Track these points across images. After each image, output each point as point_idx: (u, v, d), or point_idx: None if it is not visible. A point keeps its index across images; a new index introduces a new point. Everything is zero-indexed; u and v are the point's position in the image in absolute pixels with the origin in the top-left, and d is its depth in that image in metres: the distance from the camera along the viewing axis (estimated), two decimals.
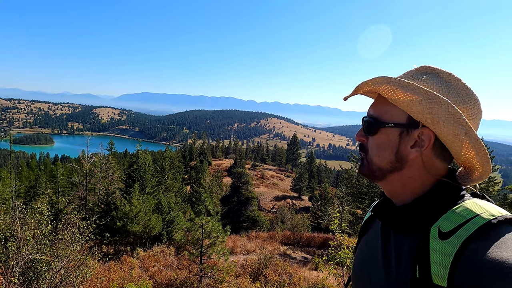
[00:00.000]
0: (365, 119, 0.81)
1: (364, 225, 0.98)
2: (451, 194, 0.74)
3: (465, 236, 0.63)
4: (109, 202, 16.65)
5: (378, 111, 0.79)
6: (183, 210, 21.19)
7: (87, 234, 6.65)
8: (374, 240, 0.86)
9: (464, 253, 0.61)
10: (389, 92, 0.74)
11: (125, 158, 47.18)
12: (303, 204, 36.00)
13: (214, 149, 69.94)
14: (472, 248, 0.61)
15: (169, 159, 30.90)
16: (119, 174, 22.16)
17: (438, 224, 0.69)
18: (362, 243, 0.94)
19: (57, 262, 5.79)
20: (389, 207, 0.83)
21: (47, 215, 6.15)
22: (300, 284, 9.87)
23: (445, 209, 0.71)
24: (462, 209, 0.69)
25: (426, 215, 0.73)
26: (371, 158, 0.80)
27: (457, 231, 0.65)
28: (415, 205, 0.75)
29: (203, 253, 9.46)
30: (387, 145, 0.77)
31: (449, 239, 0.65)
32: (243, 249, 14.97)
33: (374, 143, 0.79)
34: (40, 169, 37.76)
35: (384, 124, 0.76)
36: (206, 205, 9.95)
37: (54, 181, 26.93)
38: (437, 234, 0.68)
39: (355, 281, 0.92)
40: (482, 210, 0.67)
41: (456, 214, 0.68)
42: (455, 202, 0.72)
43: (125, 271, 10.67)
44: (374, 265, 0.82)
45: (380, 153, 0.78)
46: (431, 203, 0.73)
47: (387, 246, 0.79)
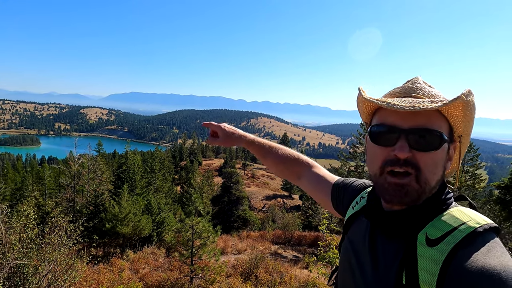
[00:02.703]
0: (420, 131, 0.69)
1: (348, 221, 0.96)
2: (440, 201, 0.74)
3: (453, 244, 0.63)
4: (98, 204, 16.43)
5: (436, 124, 0.71)
6: (174, 211, 21.06)
7: (75, 237, 6.54)
8: (360, 240, 0.85)
9: (452, 260, 0.62)
10: (468, 108, 0.70)
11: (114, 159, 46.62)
12: (294, 203, 36.14)
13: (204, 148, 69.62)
14: (460, 255, 0.62)
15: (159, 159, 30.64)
16: (108, 175, 21.89)
17: (426, 231, 0.69)
18: (346, 241, 0.92)
19: (44, 266, 5.68)
20: (378, 210, 0.81)
21: (33, 218, 6.02)
22: (291, 283, 9.90)
23: (431, 216, 0.71)
24: (449, 216, 0.70)
25: (413, 222, 0.72)
26: (426, 177, 0.70)
27: (445, 238, 0.65)
28: (409, 211, 0.73)
29: (194, 254, 9.42)
30: (440, 161, 0.72)
31: (437, 246, 0.65)
32: (234, 249, 14.95)
33: (432, 160, 0.70)
34: (26, 170, 37.03)
35: (446, 140, 0.71)
36: (197, 205, 9.90)
37: (41, 183, 26.42)
38: (424, 240, 0.68)
39: (341, 279, 0.91)
40: (468, 218, 0.68)
41: (443, 222, 0.69)
42: (441, 209, 0.73)
43: (115, 273, 10.54)
44: (360, 266, 0.81)
45: (437, 171, 0.71)
46: (417, 209, 0.73)
47: (374, 248, 0.78)
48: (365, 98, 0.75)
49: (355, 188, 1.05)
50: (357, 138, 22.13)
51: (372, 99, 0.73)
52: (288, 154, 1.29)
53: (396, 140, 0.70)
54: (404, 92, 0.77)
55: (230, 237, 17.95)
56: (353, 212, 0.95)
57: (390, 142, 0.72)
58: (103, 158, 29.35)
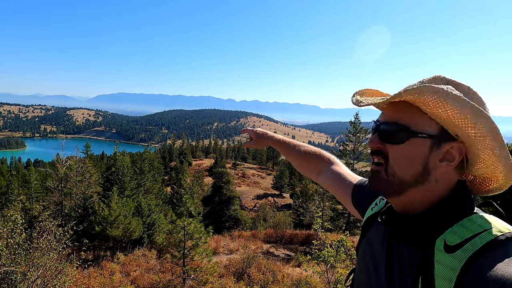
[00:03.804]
0: (387, 125, 0.74)
1: (366, 222, 0.95)
2: (458, 207, 0.71)
3: (472, 251, 0.61)
4: (87, 207, 16.19)
5: (407, 119, 0.72)
6: (164, 212, 20.89)
7: (64, 240, 6.43)
8: (377, 242, 0.84)
9: (470, 268, 0.60)
10: (435, 103, 0.67)
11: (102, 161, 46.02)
12: (285, 202, 36.26)
13: (194, 149, 69.30)
14: (479, 263, 0.60)
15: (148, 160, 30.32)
16: (96, 178, 21.58)
17: (444, 237, 0.67)
18: (364, 242, 0.91)
19: (33, 272, 5.56)
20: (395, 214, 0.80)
21: (20, 223, 5.90)
22: (284, 281, 9.93)
23: (451, 222, 0.69)
24: (469, 223, 0.67)
25: (431, 227, 0.71)
26: (393, 170, 0.73)
27: (464, 245, 0.63)
28: (426, 216, 0.73)
29: (186, 255, 9.36)
30: (416, 156, 0.71)
31: (456, 253, 0.63)
32: (226, 249, 14.92)
33: (399, 154, 0.73)
34: (11, 174, 36.20)
35: (416, 134, 0.70)
36: (188, 206, 9.85)
37: (27, 187, 25.89)
38: (442, 247, 0.66)
39: (357, 280, 0.91)
40: (489, 225, 0.65)
41: (463, 228, 0.66)
42: (463, 215, 0.70)
43: (106, 277, 10.41)
44: (376, 269, 0.80)
45: (406, 165, 0.72)
46: (436, 215, 0.71)
47: (391, 252, 0.77)
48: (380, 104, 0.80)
49: None
50: (347, 136, 22.32)
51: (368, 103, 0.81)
52: (309, 151, 1.35)
53: (374, 133, 0.78)
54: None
55: (222, 237, 17.91)
56: (372, 213, 0.95)
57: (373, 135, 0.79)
58: (91, 160, 28.94)
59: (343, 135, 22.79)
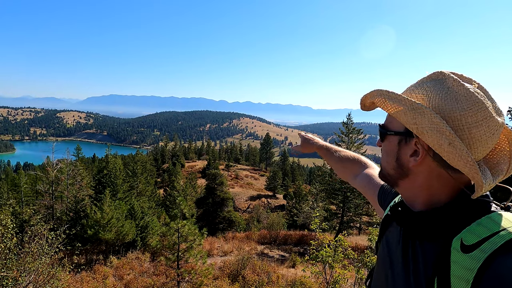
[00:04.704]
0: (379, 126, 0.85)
1: (384, 222, 0.95)
2: (476, 205, 0.70)
3: (491, 251, 0.60)
4: (79, 210, 16.00)
5: (386, 119, 0.83)
6: (157, 215, 20.74)
7: (57, 245, 6.34)
8: (394, 240, 0.85)
9: (489, 268, 0.58)
10: (381, 104, 0.78)
11: (93, 164, 45.52)
12: (278, 203, 36.31)
13: (187, 150, 68.92)
14: (498, 263, 0.58)
15: (141, 162, 30.13)
16: (88, 180, 21.35)
17: (461, 236, 0.66)
18: (383, 242, 0.92)
19: (25, 277, 5.47)
20: (407, 211, 0.80)
21: (11, 227, 5.80)
22: (279, 282, 9.94)
23: (469, 221, 0.68)
24: (488, 221, 0.65)
25: (447, 226, 0.70)
26: (381, 163, 0.86)
27: (482, 245, 0.62)
28: (434, 213, 0.73)
29: (180, 258, 9.30)
30: (390, 152, 0.81)
31: (473, 253, 0.62)
32: (220, 251, 14.88)
33: (382, 150, 0.85)
34: (0, 178, 35.67)
35: (386, 132, 0.81)
36: (182, 208, 9.79)
37: (16, 191, 25.45)
38: (459, 246, 0.65)
39: (375, 278, 0.92)
40: (509, 224, 0.63)
41: (481, 227, 0.65)
42: (480, 214, 0.68)
43: (99, 281, 10.30)
44: (392, 268, 0.81)
45: (387, 159, 0.82)
46: (452, 213, 0.71)
47: (406, 250, 0.77)
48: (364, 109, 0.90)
49: None
50: (339, 136, 22.44)
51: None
52: (348, 156, 1.41)
53: None
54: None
55: (216, 239, 17.86)
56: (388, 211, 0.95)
57: None
58: (82, 163, 28.58)
59: (336, 135, 22.91)
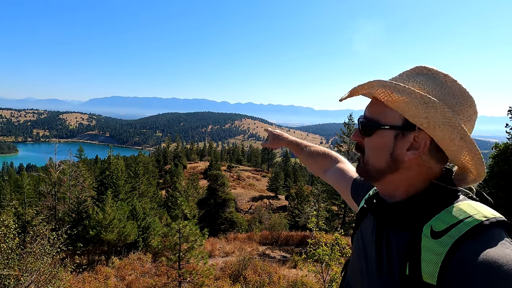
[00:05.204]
0: (361, 120, 0.82)
1: (359, 214, 0.97)
2: (446, 195, 0.74)
3: (457, 236, 0.64)
4: (81, 211, 16.06)
5: (374, 112, 0.79)
6: (159, 216, 20.80)
7: (58, 245, 6.38)
8: (368, 233, 0.87)
9: (456, 252, 0.62)
10: (385, 96, 0.74)
11: (96, 165, 45.68)
12: (280, 203, 36.27)
13: (189, 152, 69.04)
14: (463, 248, 0.62)
15: (143, 163, 30.20)
16: (90, 182, 21.44)
17: (431, 223, 0.70)
18: (357, 234, 0.94)
19: (27, 277, 5.51)
20: (382, 202, 0.83)
21: (13, 228, 5.84)
22: (280, 282, 9.94)
23: (438, 209, 0.72)
24: (455, 209, 0.69)
25: (419, 214, 0.73)
26: (367, 159, 0.82)
27: (449, 231, 0.65)
28: (408, 203, 0.76)
29: (182, 258, 9.32)
30: (382, 146, 0.77)
31: (441, 239, 0.66)
32: (221, 252, 14.89)
33: (370, 145, 0.80)
34: (3, 179, 35.86)
35: (380, 126, 0.77)
36: (183, 209, 9.80)
37: (19, 192, 25.58)
38: (429, 233, 0.68)
39: (350, 272, 0.94)
40: (475, 211, 0.67)
41: (449, 215, 0.69)
42: (449, 202, 0.72)
43: (100, 281, 10.33)
44: (367, 258, 0.83)
45: (376, 154, 0.79)
46: (424, 202, 0.74)
47: (380, 241, 0.80)
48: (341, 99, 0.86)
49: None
50: (341, 137, 22.44)
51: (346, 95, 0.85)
52: (318, 151, 1.43)
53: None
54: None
55: (218, 239, 17.87)
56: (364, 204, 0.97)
57: None
58: (84, 164, 28.73)
59: (338, 136, 22.91)
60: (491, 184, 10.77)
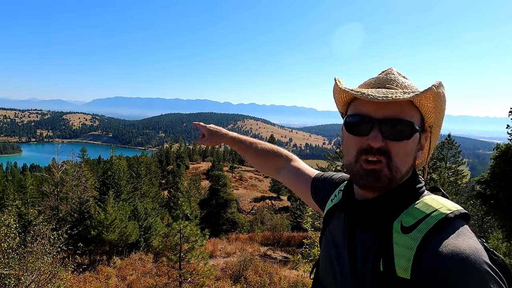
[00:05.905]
0: (395, 121, 0.72)
1: (327, 214, 0.97)
2: (412, 190, 0.77)
3: (426, 230, 0.67)
4: (83, 211, 16.12)
5: (407, 114, 0.73)
6: (161, 216, 20.82)
7: (59, 244, 6.40)
8: (339, 232, 0.87)
9: (426, 246, 0.65)
10: (438, 99, 0.73)
11: (98, 165, 45.85)
12: (282, 204, 36.18)
13: (191, 152, 69.10)
14: (433, 241, 0.65)
15: (145, 164, 30.26)
16: (92, 182, 21.49)
17: (401, 219, 0.72)
18: (327, 233, 0.94)
19: (27, 276, 5.53)
20: (352, 201, 0.83)
21: (14, 227, 5.87)
22: (281, 283, 9.92)
23: (406, 204, 0.74)
24: (422, 204, 0.72)
25: (388, 211, 0.75)
26: (397, 165, 0.73)
27: (418, 225, 0.68)
28: (378, 201, 0.76)
29: (182, 258, 9.32)
30: (413, 150, 0.75)
31: (411, 233, 0.68)
32: (223, 252, 14.88)
33: (403, 149, 0.73)
34: (7, 179, 36.04)
35: (417, 129, 0.74)
36: (184, 209, 9.82)
37: (22, 192, 25.68)
38: (399, 228, 0.71)
39: (321, 271, 0.93)
40: (439, 205, 0.71)
41: (417, 210, 0.72)
42: (415, 197, 0.76)
43: (101, 281, 10.36)
44: (339, 257, 0.83)
45: (408, 159, 0.74)
46: (394, 199, 0.76)
47: (352, 240, 0.80)
48: (340, 88, 0.77)
49: (334, 181, 1.07)
50: None
51: (347, 89, 0.75)
52: (267, 148, 1.34)
53: (369, 130, 0.72)
54: (379, 83, 0.79)
55: (219, 240, 17.87)
56: (332, 205, 0.97)
57: (364, 132, 0.73)
58: (87, 164, 28.80)
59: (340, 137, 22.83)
60: (492, 185, 10.69)
